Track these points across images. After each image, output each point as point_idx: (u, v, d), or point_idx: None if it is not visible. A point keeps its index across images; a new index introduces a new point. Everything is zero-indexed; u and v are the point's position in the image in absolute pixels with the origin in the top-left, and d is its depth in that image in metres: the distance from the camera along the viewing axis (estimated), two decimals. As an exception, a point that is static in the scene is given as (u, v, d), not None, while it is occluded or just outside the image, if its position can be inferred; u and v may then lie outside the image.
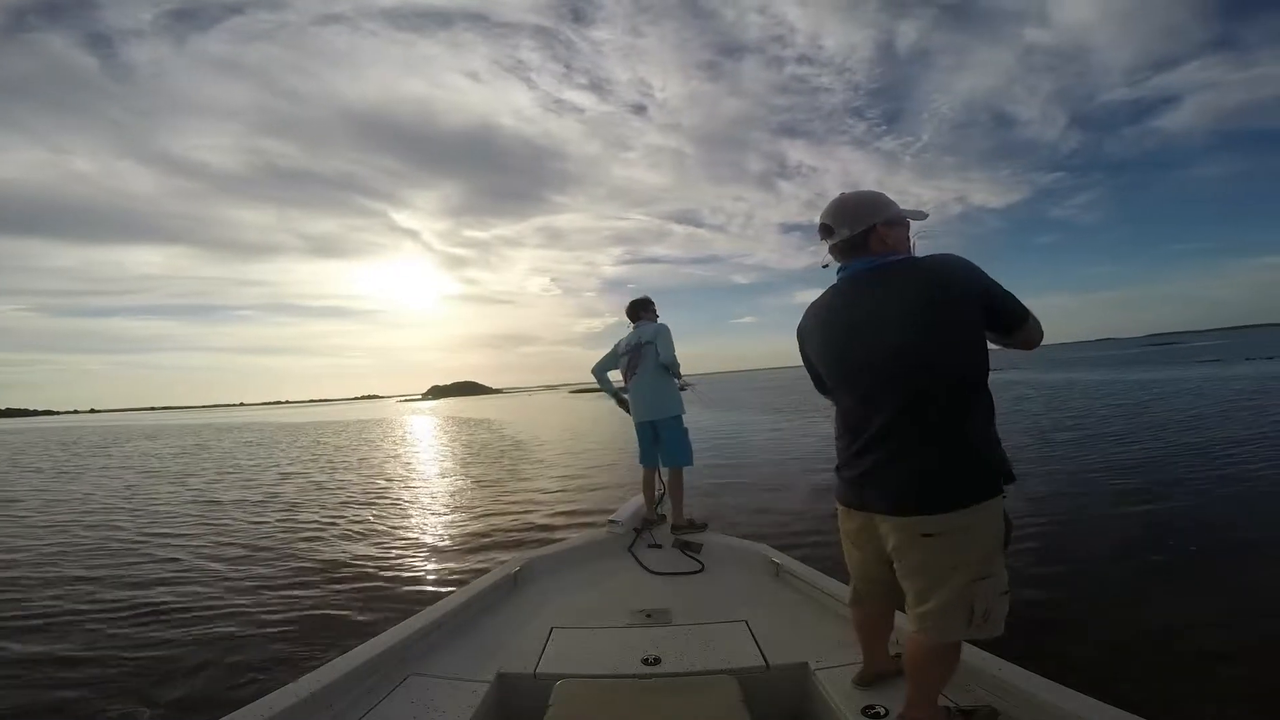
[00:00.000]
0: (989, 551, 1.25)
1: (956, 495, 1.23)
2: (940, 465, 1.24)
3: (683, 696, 1.52)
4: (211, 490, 9.46)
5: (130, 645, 3.30)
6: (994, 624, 1.27)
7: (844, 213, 1.36)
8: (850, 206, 1.37)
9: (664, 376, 3.40)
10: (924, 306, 1.24)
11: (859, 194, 1.39)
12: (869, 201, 1.37)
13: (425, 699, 1.62)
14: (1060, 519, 4.85)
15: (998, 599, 1.26)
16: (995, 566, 1.26)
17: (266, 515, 7.15)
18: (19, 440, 30.14)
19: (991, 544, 1.26)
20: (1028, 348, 1.36)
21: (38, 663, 3.13)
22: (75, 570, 4.91)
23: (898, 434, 1.27)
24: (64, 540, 6.09)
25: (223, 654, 3.14)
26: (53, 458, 17.77)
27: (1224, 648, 2.68)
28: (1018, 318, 1.29)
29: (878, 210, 1.35)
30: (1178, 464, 6.64)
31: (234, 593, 4.19)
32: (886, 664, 1.64)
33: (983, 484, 1.24)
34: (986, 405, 1.28)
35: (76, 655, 3.20)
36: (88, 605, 3.98)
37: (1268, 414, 9.81)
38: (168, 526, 6.68)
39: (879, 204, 1.36)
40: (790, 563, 2.56)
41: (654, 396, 3.40)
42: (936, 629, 1.28)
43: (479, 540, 5.55)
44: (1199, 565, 3.75)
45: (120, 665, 3.06)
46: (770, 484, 7.16)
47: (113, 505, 8.27)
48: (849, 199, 1.38)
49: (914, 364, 1.25)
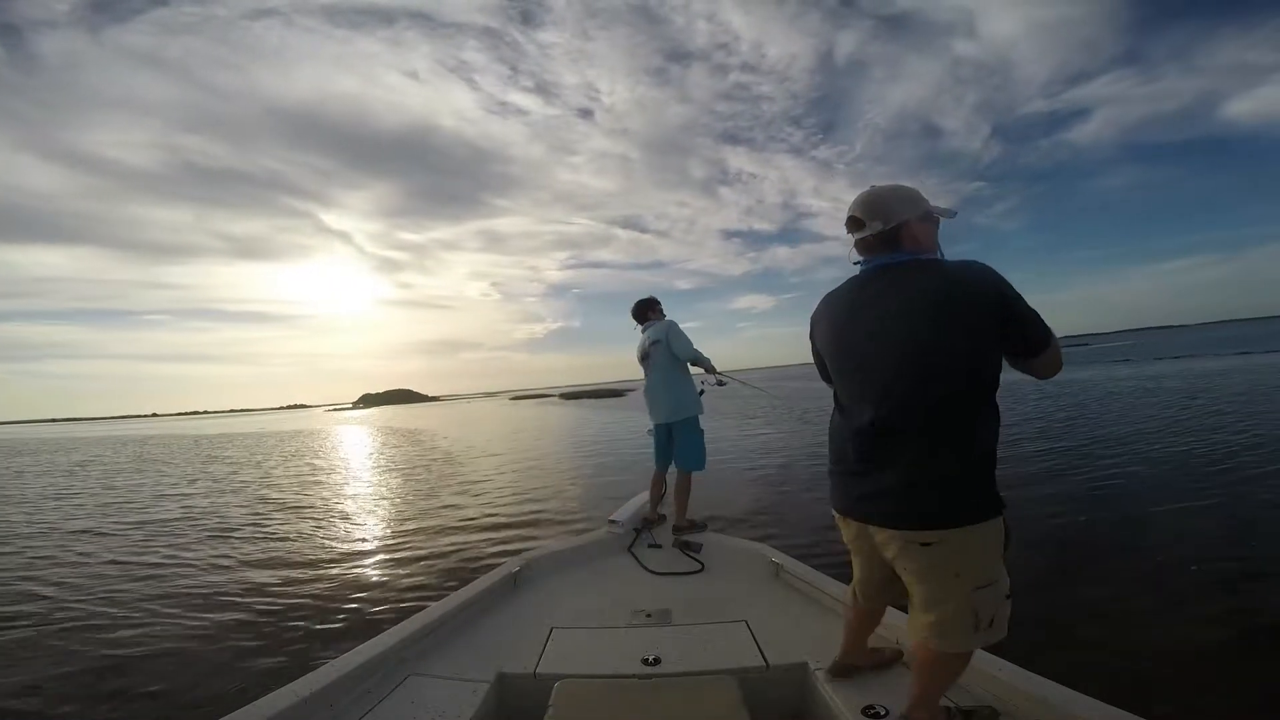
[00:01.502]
0: (990, 560, 1.23)
1: (954, 514, 1.19)
2: (939, 480, 1.19)
3: (683, 696, 1.52)
4: (41, 516, 7.90)
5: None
6: (999, 629, 1.26)
7: (877, 206, 1.29)
8: (884, 200, 1.29)
9: (679, 377, 3.38)
10: (935, 308, 1.18)
11: (893, 187, 1.32)
12: (904, 196, 1.30)
13: (425, 699, 1.62)
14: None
15: (1001, 604, 1.25)
16: (996, 572, 1.24)
17: (87, 544, 5.95)
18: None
19: (992, 553, 1.24)
20: (1041, 376, 1.26)
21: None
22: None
23: (895, 440, 1.23)
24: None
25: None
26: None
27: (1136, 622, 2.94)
28: (1035, 342, 1.20)
29: (911, 205, 1.29)
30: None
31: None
32: (863, 658, 1.67)
33: (983, 503, 1.20)
34: (991, 420, 1.22)
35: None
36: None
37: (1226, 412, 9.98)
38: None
39: (913, 199, 1.30)
40: (790, 563, 2.55)
41: (668, 398, 3.37)
42: (945, 638, 1.26)
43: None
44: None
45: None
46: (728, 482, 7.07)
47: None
48: (883, 192, 1.31)
49: (917, 365, 1.20)
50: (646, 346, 3.44)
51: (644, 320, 3.54)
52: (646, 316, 3.54)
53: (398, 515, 7.04)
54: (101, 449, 24.12)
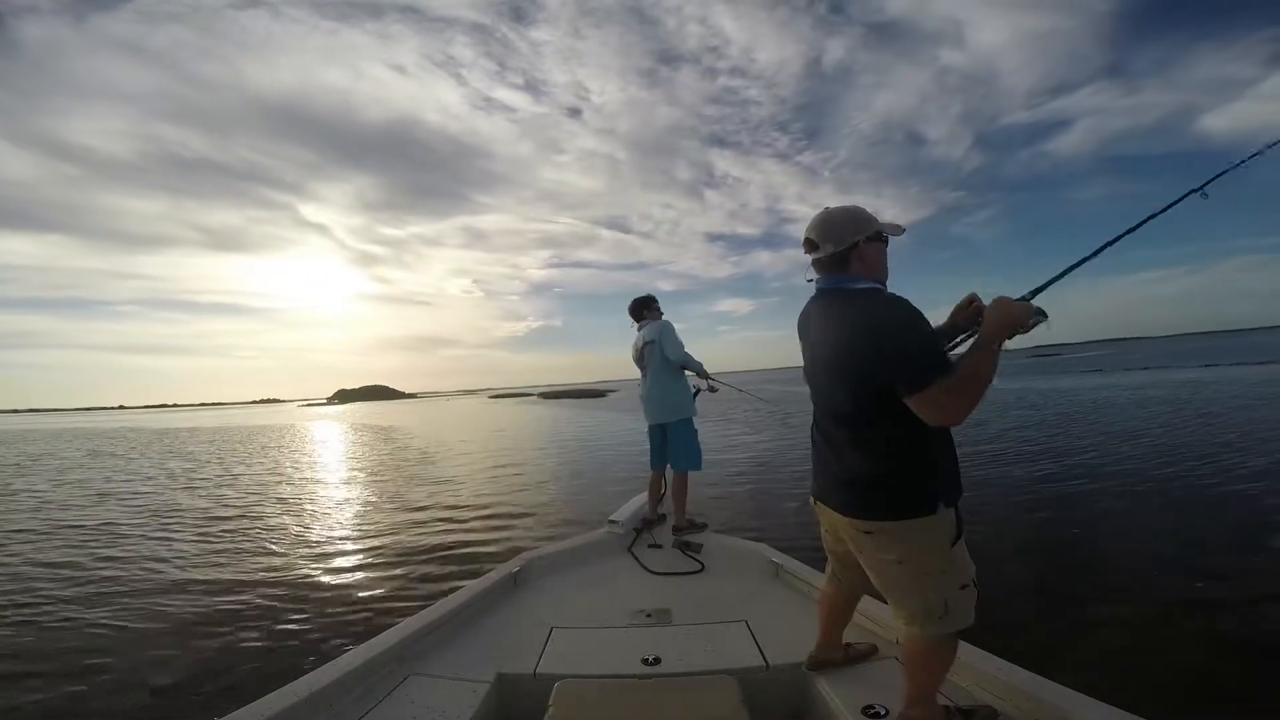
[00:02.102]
0: (932, 550, 1.31)
1: (880, 510, 1.32)
2: (867, 478, 1.33)
3: (683, 696, 1.52)
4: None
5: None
6: (957, 617, 1.32)
7: (829, 229, 1.37)
8: (836, 223, 1.37)
9: (673, 378, 3.36)
10: (841, 338, 1.33)
11: (843, 210, 1.40)
12: (853, 218, 1.38)
13: (425, 699, 1.62)
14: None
15: (957, 593, 1.31)
16: (942, 561, 1.31)
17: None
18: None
19: (935, 544, 1.31)
20: (925, 418, 1.22)
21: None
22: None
23: (838, 440, 1.40)
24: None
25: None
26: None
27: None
28: (907, 383, 1.20)
29: (860, 227, 1.36)
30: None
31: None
32: (836, 652, 1.74)
33: (908, 503, 1.29)
34: (912, 431, 1.25)
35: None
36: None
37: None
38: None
39: (862, 220, 1.37)
40: (790, 563, 2.56)
41: (663, 398, 3.36)
42: (910, 625, 1.36)
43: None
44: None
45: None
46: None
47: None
48: (834, 215, 1.39)
49: (839, 384, 1.35)
50: (641, 346, 3.43)
51: (640, 319, 3.51)
52: (643, 315, 3.50)
53: (356, 519, 6.74)
54: (60, 443, 23.66)
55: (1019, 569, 3.83)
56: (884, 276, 1.41)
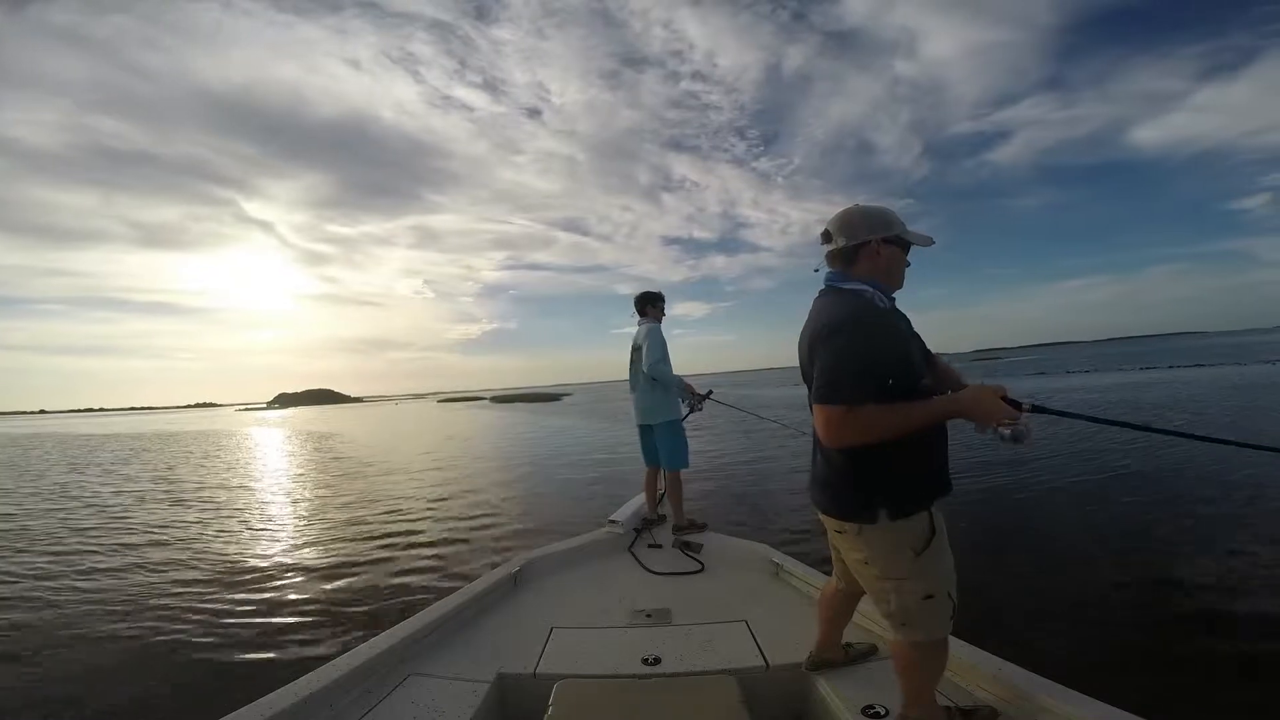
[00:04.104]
0: (896, 557, 1.30)
1: (844, 511, 1.36)
2: (830, 476, 1.38)
3: (683, 696, 1.51)
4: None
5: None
6: (919, 627, 1.31)
7: (846, 224, 1.38)
8: (854, 220, 1.38)
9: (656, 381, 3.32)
10: (809, 339, 1.34)
11: (866, 208, 1.40)
12: (872, 217, 1.37)
13: (425, 699, 1.62)
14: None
15: (919, 603, 1.30)
16: (906, 569, 1.30)
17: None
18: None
19: (900, 552, 1.30)
20: (817, 429, 1.28)
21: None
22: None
23: (815, 438, 1.40)
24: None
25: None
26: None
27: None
28: (817, 392, 1.26)
29: (876, 226, 1.36)
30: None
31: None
32: (836, 652, 1.75)
33: (864, 509, 1.31)
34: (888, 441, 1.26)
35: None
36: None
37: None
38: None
39: (880, 221, 1.36)
40: (790, 563, 2.56)
41: (649, 400, 3.35)
42: (890, 627, 1.38)
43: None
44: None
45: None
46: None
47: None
48: (854, 212, 1.39)
49: (808, 383, 1.36)
50: (632, 348, 3.39)
51: (643, 314, 3.43)
52: (644, 312, 3.43)
53: (278, 536, 6.05)
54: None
55: (1001, 565, 3.96)
56: (891, 283, 1.40)
